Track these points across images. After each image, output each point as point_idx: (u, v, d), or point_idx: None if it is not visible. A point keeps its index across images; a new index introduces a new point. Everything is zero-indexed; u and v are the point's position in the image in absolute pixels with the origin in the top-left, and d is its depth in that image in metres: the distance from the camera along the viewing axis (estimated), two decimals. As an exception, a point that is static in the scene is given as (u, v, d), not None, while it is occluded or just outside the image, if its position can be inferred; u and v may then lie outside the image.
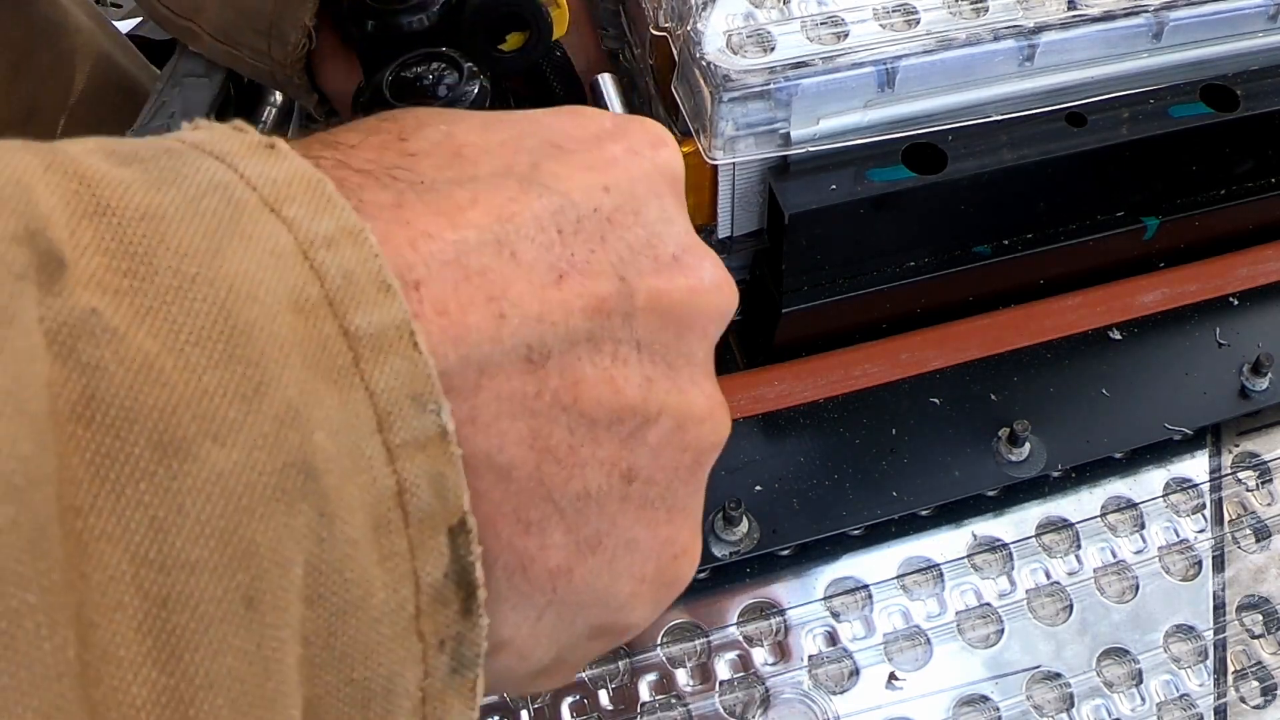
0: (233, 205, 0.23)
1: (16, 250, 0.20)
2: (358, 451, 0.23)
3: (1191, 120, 0.51)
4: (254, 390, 0.21)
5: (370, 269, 0.23)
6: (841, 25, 0.48)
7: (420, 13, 0.45)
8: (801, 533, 0.47)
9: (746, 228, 0.51)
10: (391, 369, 0.23)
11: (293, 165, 0.24)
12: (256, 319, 0.22)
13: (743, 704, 0.45)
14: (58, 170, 0.22)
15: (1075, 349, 0.53)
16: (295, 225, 0.23)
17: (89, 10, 0.74)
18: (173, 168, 0.23)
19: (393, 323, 0.23)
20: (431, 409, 0.23)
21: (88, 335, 0.20)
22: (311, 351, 0.22)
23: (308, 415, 0.22)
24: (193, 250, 0.22)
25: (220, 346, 0.21)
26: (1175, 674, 0.46)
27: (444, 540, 0.24)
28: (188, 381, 0.21)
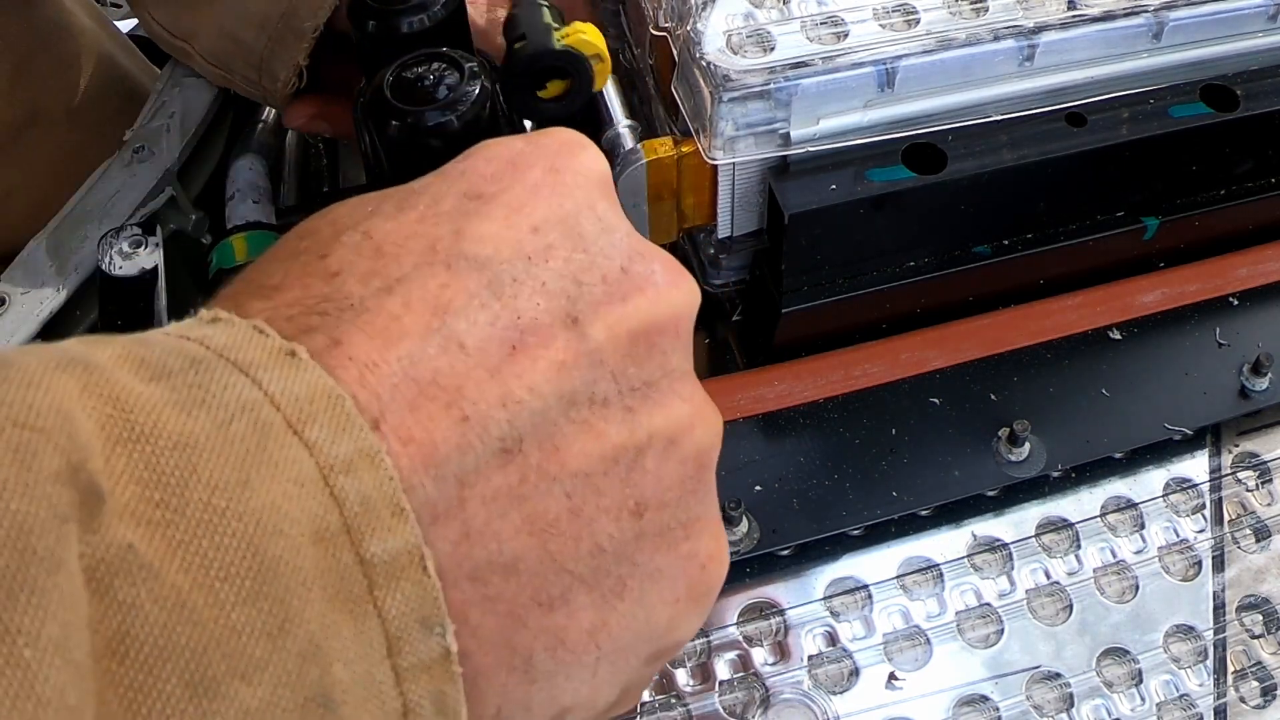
0: (259, 430, 0.23)
1: (61, 490, 0.21)
2: (370, 678, 0.24)
3: (1191, 120, 0.51)
4: (279, 628, 0.22)
5: (385, 493, 0.24)
6: (841, 25, 0.48)
7: (421, 13, 0.45)
8: (801, 533, 0.47)
9: (746, 228, 0.51)
10: (403, 595, 0.24)
11: (314, 380, 0.24)
12: (282, 554, 0.23)
13: (743, 704, 0.45)
14: (93, 393, 0.22)
15: (1075, 349, 0.53)
16: (316, 449, 0.24)
17: (91, 11, 0.74)
18: (201, 385, 0.24)
19: (404, 548, 0.24)
20: (438, 632, 0.24)
21: (124, 572, 0.21)
22: (331, 582, 0.23)
23: (327, 648, 0.23)
24: (223, 483, 0.22)
25: (248, 583, 0.22)
26: (1175, 674, 0.46)
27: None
28: (217, 619, 0.22)
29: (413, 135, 0.39)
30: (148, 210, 0.60)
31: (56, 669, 0.19)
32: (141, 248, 0.55)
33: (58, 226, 0.60)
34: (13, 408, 0.21)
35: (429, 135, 0.39)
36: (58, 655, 0.19)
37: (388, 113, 0.39)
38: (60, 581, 0.20)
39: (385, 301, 0.26)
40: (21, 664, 0.19)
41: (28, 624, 0.19)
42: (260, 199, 0.58)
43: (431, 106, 0.39)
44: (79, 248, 0.59)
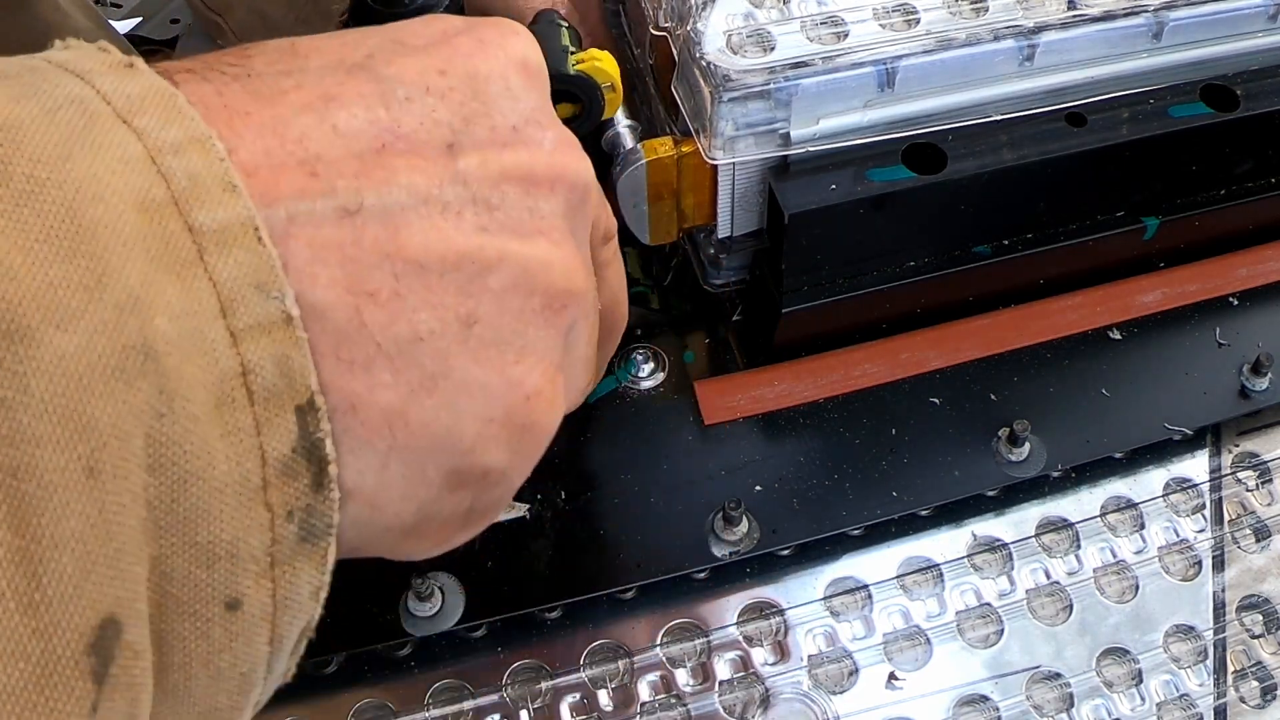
0: (86, 116, 0.24)
1: None
2: (200, 335, 0.24)
3: (1191, 120, 0.51)
4: (96, 281, 0.23)
5: (216, 171, 0.25)
6: (841, 25, 0.48)
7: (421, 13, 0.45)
8: (801, 533, 0.47)
9: (746, 228, 0.51)
10: (235, 260, 0.25)
11: (147, 81, 0.26)
12: (101, 217, 0.24)
13: (743, 704, 0.45)
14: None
15: (1075, 349, 0.53)
16: (145, 134, 0.25)
17: (88, 12, 0.74)
18: (33, 83, 0.25)
19: (237, 219, 0.25)
20: (275, 296, 0.25)
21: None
22: (155, 246, 0.24)
23: (149, 302, 0.24)
24: (45, 157, 0.23)
25: (66, 244, 0.23)
26: (1175, 674, 0.46)
27: (292, 418, 0.26)
28: (34, 275, 0.22)
29: None
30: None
31: None
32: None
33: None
34: None
35: None
36: None
37: None
38: None
39: (279, 79, 0.28)
40: None
41: None
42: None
43: None
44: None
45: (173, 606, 0.24)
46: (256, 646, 0.26)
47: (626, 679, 0.45)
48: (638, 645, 0.46)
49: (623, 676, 0.45)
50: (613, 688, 0.45)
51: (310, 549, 0.26)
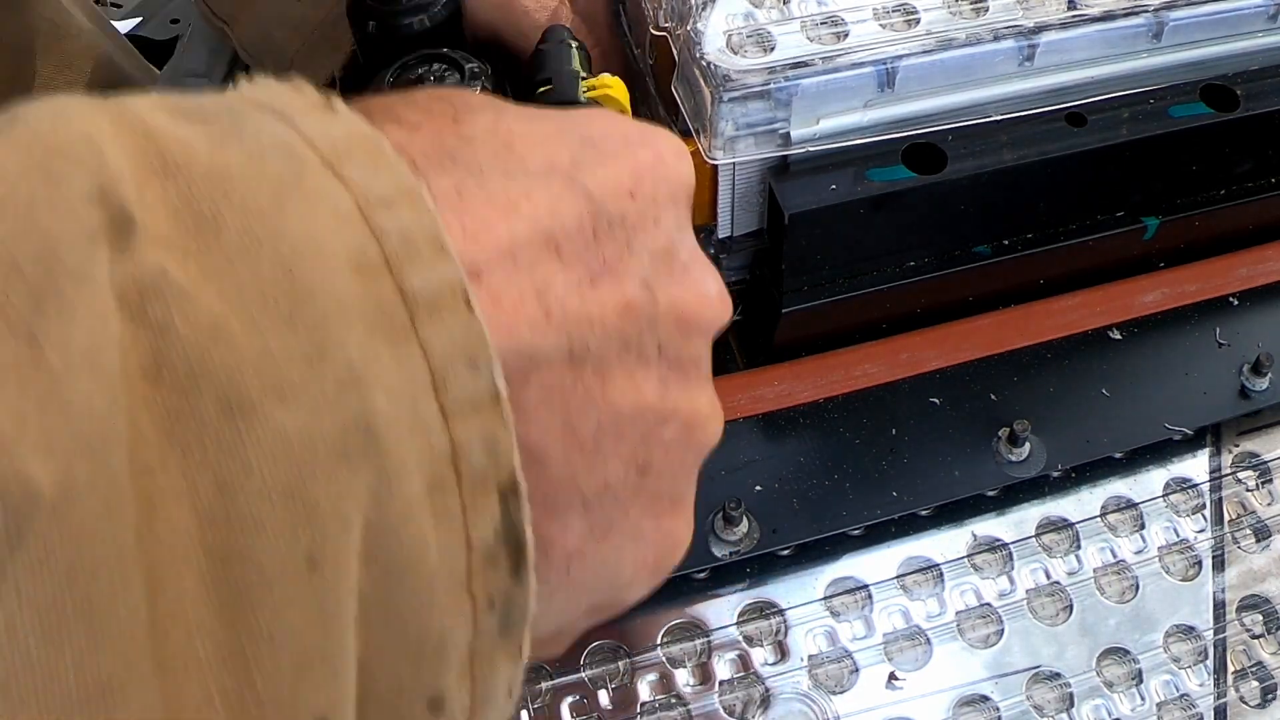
0: (295, 163, 0.23)
1: (89, 209, 0.20)
2: (415, 412, 0.23)
3: (1191, 120, 0.51)
4: (317, 352, 0.22)
5: (426, 228, 0.24)
6: (841, 25, 0.48)
7: (421, 14, 0.45)
8: (801, 533, 0.47)
9: (746, 228, 0.51)
10: (446, 329, 0.23)
11: (350, 124, 0.24)
12: (319, 280, 0.22)
13: (743, 704, 0.45)
14: (125, 127, 0.22)
15: (1075, 349, 0.53)
16: (354, 185, 0.23)
17: (89, 12, 0.74)
18: (235, 125, 0.23)
19: (447, 283, 0.24)
20: (485, 371, 0.24)
21: (157, 295, 0.20)
22: (370, 312, 0.23)
23: (368, 376, 0.22)
24: (257, 210, 0.22)
25: (285, 308, 0.21)
26: (1175, 674, 0.46)
27: (495, 501, 0.24)
28: (253, 343, 0.21)
29: None
30: (147, 210, 0.60)
31: (84, 377, 0.19)
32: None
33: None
34: (43, 135, 0.21)
35: None
36: (86, 364, 0.19)
37: None
38: (88, 296, 0.20)
39: (509, 184, 0.27)
40: (48, 369, 0.19)
41: (55, 332, 0.19)
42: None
43: None
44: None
45: (374, 706, 0.23)
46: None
47: (626, 679, 0.45)
48: (638, 645, 0.46)
49: (623, 676, 0.45)
50: (613, 688, 0.45)
51: (508, 642, 0.25)
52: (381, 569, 0.23)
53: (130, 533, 0.19)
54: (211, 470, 0.20)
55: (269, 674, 0.20)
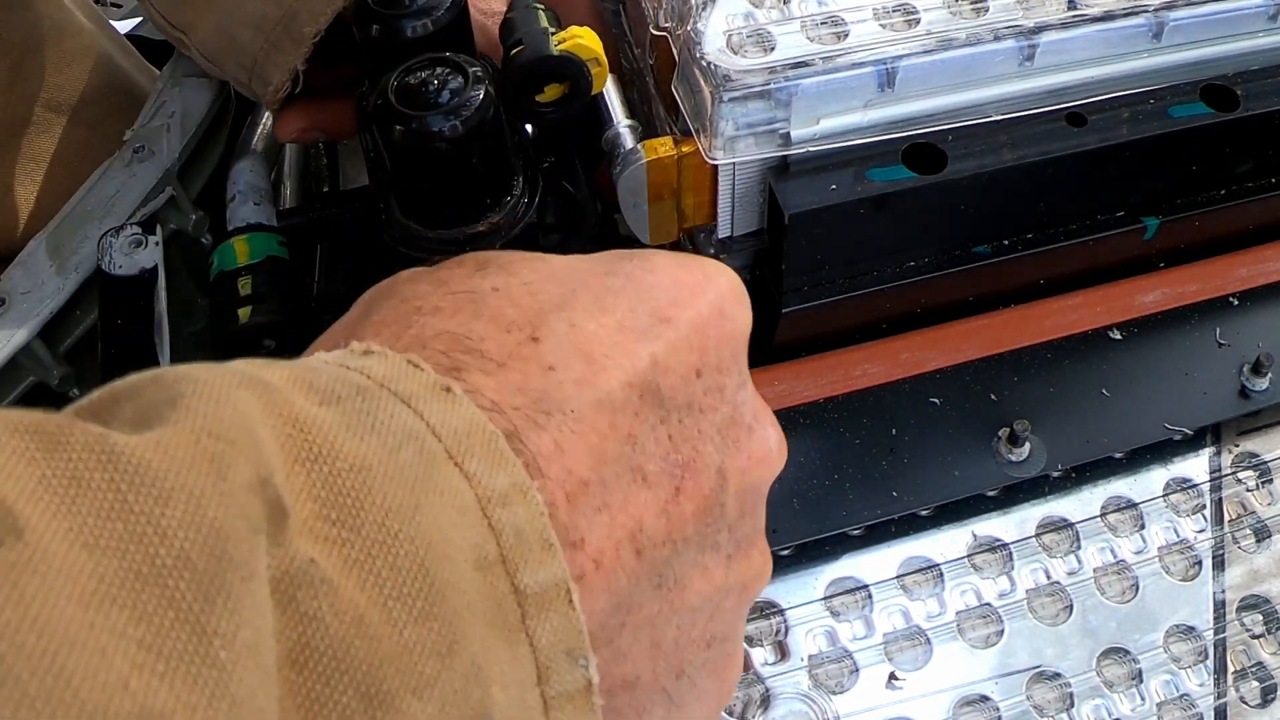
0: (425, 458, 0.25)
1: (253, 502, 0.21)
2: (523, 703, 0.25)
3: (1191, 120, 0.51)
4: (448, 648, 0.23)
5: (537, 527, 0.25)
6: (841, 25, 0.48)
7: (424, 17, 0.45)
8: (801, 533, 0.47)
9: (746, 228, 0.51)
10: (552, 626, 0.25)
11: (469, 415, 0.26)
12: (449, 577, 0.24)
13: (743, 704, 0.45)
14: (273, 412, 0.23)
15: (1075, 349, 0.53)
16: (475, 481, 0.25)
17: (89, 11, 0.74)
18: (369, 412, 0.25)
19: (553, 581, 0.25)
20: (582, 664, 0.26)
21: (307, 585, 0.22)
22: (490, 609, 0.24)
23: (488, 671, 0.24)
24: (396, 506, 0.24)
25: (420, 604, 0.23)
26: (1175, 674, 0.46)
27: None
28: (391, 636, 0.22)
29: (417, 140, 0.39)
30: (148, 210, 0.60)
31: (249, 671, 0.20)
32: (141, 247, 0.55)
33: (58, 226, 0.60)
34: (206, 419, 0.22)
35: (433, 140, 0.39)
36: (250, 659, 0.20)
37: (393, 118, 0.39)
38: (253, 589, 0.21)
39: (598, 417, 0.28)
40: (218, 664, 0.20)
41: (224, 627, 0.20)
42: (261, 201, 0.58)
43: (435, 112, 0.39)
44: (79, 247, 0.59)
45: None
46: None
47: (626, 679, 0.45)
48: (638, 645, 0.46)
49: (623, 676, 0.45)
50: (613, 687, 0.45)
51: None
52: None
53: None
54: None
55: None
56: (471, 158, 0.41)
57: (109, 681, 0.18)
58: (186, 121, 0.63)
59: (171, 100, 0.64)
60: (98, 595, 0.19)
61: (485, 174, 0.42)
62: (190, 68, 0.65)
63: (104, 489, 0.20)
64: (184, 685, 0.19)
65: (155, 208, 0.60)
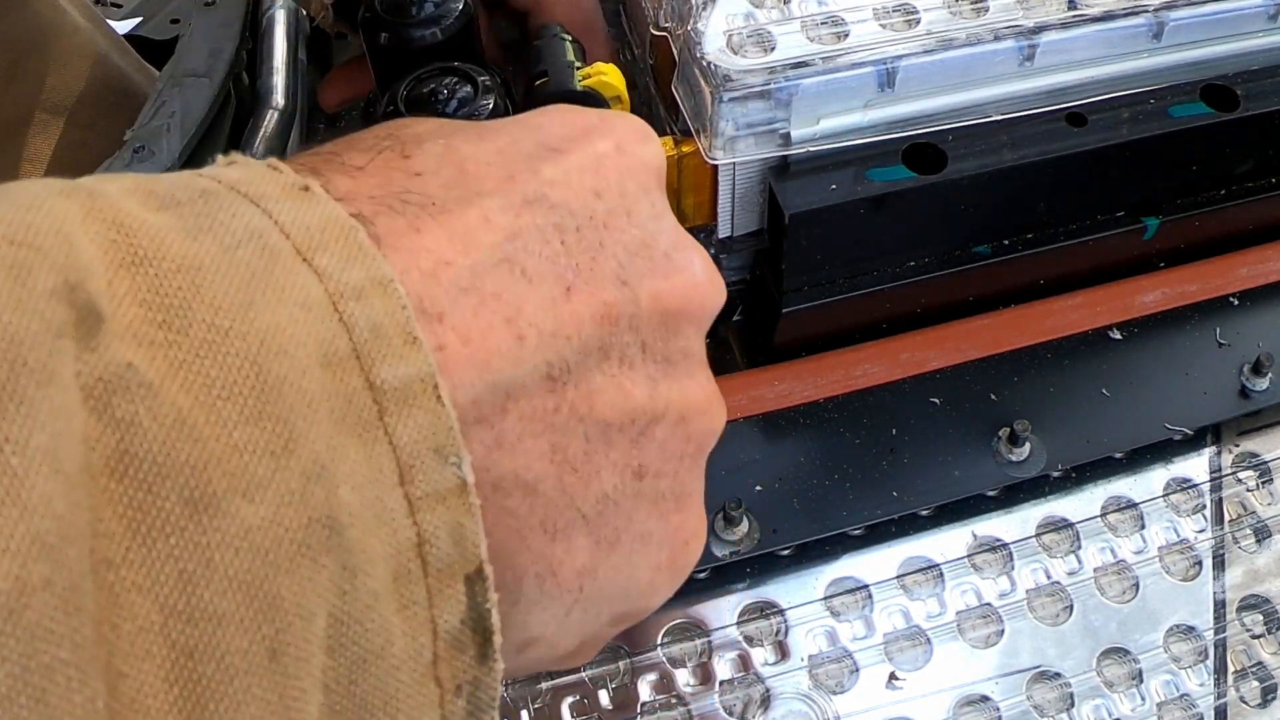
0: (267, 255, 0.23)
1: (56, 306, 0.20)
2: (380, 505, 0.23)
3: (1191, 120, 0.51)
4: (283, 447, 0.22)
5: (397, 320, 0.24)
6: (841, 25, 0.48)
7: (433, 27, 0.45)
8: (801, 533, 0.47)
9: (746, 228, 0.51)
10: (415, 422, 0.24)
11: (326, 211, 0.24)
12: (286, 374, 0.22)
13: (743, 704, 0.45)
14: (97, 218, 0.22)
15: (1075, 349, 0.53)
16: (326, 275, 0.24)
17: (86, 11, 0.74)
18: (209, 214, 0.23)
19: (417, 375, 0.24)
20: (453, 461, 0.24)
21: (123, 390, 0.21)
22: (338, 406, 0.23)
23: (334, 470, 0.22)
24: (227, 304, 0.22)
25: (251, 402, 0.22)
26: (1175, 674, 0.46)
27: (461, 588, 0.24)
28: (219, 437, 0.21)
29: None
30: (147, 210, 0.60)
31: (44, 478, 0.19)
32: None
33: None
34: (9, 226, 0.21)
35: None
36: (45, 464, 0.19)
37: None
38: (52, 394, 0.20)
39: (465, 211, 0.27)
40: (8, 471, 0.19)
41: (15, 433, 0.19)
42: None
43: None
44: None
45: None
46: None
47: (626, 679, 0.45)
48: (638, 645, 0.46)
49: (623, 676, 0.45)
50: (613, 688, 0.45)
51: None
52: (347, 660, 0.23)
53: (89, 628, 0.19)
54: (175, 564, 0.20)
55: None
56: None
57: None
58: (186, 121, 0.63)
59: (171, 100, 0.64)
60: None
61: None
62: (191, 67, 0.65)
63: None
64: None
65: (154, 208, 0.60)
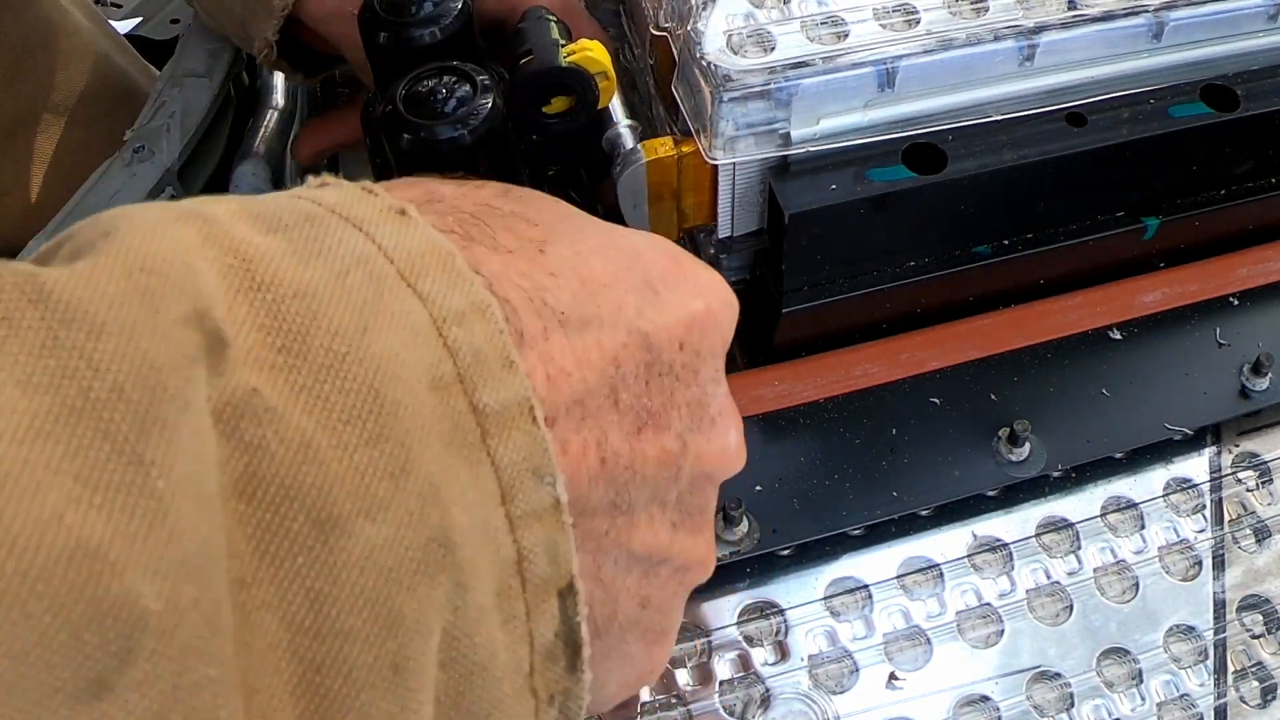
0: (374, 280, 0.24)
1: (188, 333, 0.21)
2: (486, 524, 0.24)
3: (1191, 120, 0.51)
4: (401, 469, 0.23)
5: (496, 345, 0.25)
6: (841, 25, 0.48)
7: (432, 26, 0.45)
8: (801, 533, 0.47)
9: (746, 228, 0.51)
10: (514, 444, 0.25)
11: (425, 236, 0.26)
12: (401, 398, 0.23)
13: (743, 704, 0.45)
14: (214, 243, 0.23)
15: (1075, 349, 0.53)
16: (429, 300, 0.25)
17: (88, 11, 0.74)
18: (316, 238, 0.24)
19: (515, 399, 0.25)
20: (548, 481, 0.25)
21: (250, 414, 0.22)
22: (446, 429, 0.24)
23: (446, 491, 0.23)
24: (343, 329, 0.23)
25: (370, 425, 0.23)
26: (1175, 674, 0.46)
27: (555, 603, 0.26)
28: (341, 460, 0.22)
29: (425, 149, 0.39)
30: (147, 210, 0.60)
31: (189, 501, 0.20)
32: (141, 248, 0.54)
33: (58, 226, 0.60)
34: (138, 254, 0.21)
35: (441, 149, 0.39)
36: (189, 488, 0.20)
37: (401, 126, 0.39)
38: (190, 419, 0.20)
39: (586, 331, 0.28)
40: (155, 494, 0.19)
41: (160, 457, 0.20)
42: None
43: (443, 121, 0.39)
44: (78, 247, 0.58)
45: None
46: None
47: (626, 679, 0.45)
48: (638, 645, 0.46)
49: (623, 676, 0.45)
50: (613, 688, 0.45)
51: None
52: (456, 672, 0.24)
53: (230, 646, 0.20)
54: (302, 583, 0.21)
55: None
56: (478, 166, 0.41)
57: (42, 517, 0.18)
58: (186, 121, 0.63)
59: (171, 100, 0.64)
60: (31, 431, 0.19)
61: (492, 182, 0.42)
62: (191, 67, 0.65)
63: (35, 327, 0.20)
64: (122, 516, 0.19)
65: (155, 208, 0.60)
